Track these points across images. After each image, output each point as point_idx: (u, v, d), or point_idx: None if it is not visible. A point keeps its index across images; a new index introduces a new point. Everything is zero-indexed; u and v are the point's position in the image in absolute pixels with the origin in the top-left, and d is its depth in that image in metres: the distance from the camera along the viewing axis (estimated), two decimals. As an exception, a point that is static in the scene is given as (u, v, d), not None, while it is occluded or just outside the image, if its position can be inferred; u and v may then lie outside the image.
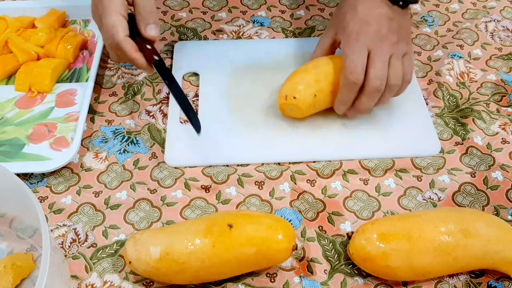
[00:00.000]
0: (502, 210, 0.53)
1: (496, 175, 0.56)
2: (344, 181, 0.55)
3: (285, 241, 0.45)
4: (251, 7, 0.74)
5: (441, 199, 0.54)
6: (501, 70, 0.66)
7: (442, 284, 0.48)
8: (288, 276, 0.48)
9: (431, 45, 0.69)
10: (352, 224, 0.52)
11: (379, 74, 0.52)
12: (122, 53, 0.52)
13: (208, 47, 0.68)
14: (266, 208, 0.53)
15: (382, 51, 0.53)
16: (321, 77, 0.55)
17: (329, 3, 0.75)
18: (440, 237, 0.44)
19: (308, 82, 0.55)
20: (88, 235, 0.51)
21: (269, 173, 0.56)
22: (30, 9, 0.70)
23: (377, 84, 0.52)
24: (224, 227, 0.44)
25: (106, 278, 0.48)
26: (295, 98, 0.55)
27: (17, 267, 0.47)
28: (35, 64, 0.63)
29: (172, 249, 0.44)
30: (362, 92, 0.53)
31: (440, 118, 0.61)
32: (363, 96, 0.54)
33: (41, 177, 0.55)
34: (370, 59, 0.53)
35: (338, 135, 0.58)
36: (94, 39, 0.69)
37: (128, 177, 0.55)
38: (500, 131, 0.59)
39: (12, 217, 0.50)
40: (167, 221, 0.52)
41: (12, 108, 0.61)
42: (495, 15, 0.73)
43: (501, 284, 0.48)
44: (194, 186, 0.55)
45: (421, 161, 0.57)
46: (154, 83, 0.64)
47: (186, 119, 0.60)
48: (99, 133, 0.59)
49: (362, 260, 0.46)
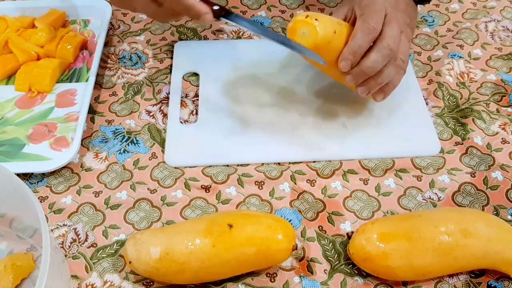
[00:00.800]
0: (502, 210, 0.53)
1: (496, 175, 0.56)
2: (344, 181, 0.55)
3: (285, 241, 0.45)
4: (251, 7, 0.74)
5: (441, 199, 0.54)
6: (501, 70, 0.66)
7: (442, 284, 0.48)
8: (288, 276, 0.48)
9: (431, 45, 0.69)
10: (352, 224, 0.52)
11: (394, 34, 0.50)
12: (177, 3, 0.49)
13: (208, 47, 0.68)
14: (266, 208, 0.53)
15: (398, 18, 0.51)
16: (343, 28, 0.51)
17: (329, 3, 0.75)
18: (440, 237, 0.44)
19: (332, 19, 0.51)
20: (88, 235, 0.51)
21: (269, 173, 0.56)
22: (30, 9, 0.70)
23: (391, 43, 0.49)
24: (224, 227, 0.45)
25: (106, 278, 0.48)
26: (317, 20, 0.48)
27: (17, 267, 0.47)
28: (35, 64, 0.63)
29: (172, 249, 0.44)
30: (372, 48, 0.50)
31: (440, 118, 0.61)
32: (372, 53, 0.50)
33: (41, 177, 0.55)
34: (387, 19, 0.51)
35: (338, 135, 0.58)
36: (94, 39, 0.69)
37: (128, 177, 0.55)
38: (500, 131, 0.59)
39: (12, 217, 0.50)
40: (167, 221, 0.52)
41: (12, 108, 0.61)
42: (495, 15, 0.73)
43: (501, 284, 0.48)
44: (194, 186, 0.55)
45: (421, 161, 0.57)
46: (154, 83, 0.64)
47: (186, 119, 0.60)
48: (99, 133, 0.59)
49: (362, 260, 0.46)
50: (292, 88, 0.63)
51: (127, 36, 0.70)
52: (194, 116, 0.61)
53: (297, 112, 0.60)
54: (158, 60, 0.67)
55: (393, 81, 0.54)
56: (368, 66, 0.50)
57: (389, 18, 0.51)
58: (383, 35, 0.50)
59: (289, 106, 0.61)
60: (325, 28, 0.49)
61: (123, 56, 0.67)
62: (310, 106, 0.61)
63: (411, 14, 0.55)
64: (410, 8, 0.55)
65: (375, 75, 0.51)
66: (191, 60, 0.66)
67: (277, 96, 0.62)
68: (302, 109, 0.60)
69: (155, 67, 0.66)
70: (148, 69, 0.66)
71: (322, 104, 0.60)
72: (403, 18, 0.52)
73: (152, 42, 0.69)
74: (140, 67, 0.66)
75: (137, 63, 0.67)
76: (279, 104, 0.61)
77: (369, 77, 0.51)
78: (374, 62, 0.50)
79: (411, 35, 0.54)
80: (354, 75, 0.51)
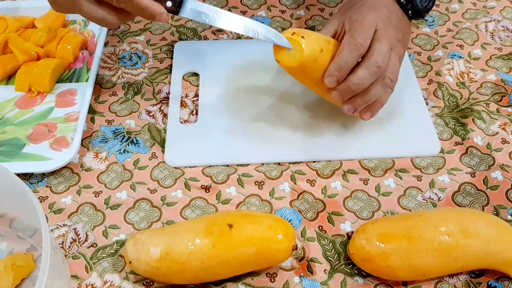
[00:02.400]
0: (502, 210, 0.53)
1: (496, 175, 0.56)
2: (344, 181, 0.55)
3: (285, 241, 0.45)
4: (251, 7, 0.74)
5: (441, 199, 0.54)
6: (501, 70, 0.66)
7: (442, 284, 0.48)
8: (288, 276, 0.48)
9: (431, 45, 0.69)
10: (352, 224, 0.52)
11: (383, 51, 0.49)
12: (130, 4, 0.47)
13: (208, 47, 0.68)
14: (266, 208, 0.53)
15: (388, 34, 0.50)
16: (330, 46, 0.50)
17: (329, 3, 0.75)
18: (440, 237, 0.44)
19: (319, 36, 0.50)
20: (88, 235, 0.51)
21: (269, 173, 0.56)
22: (30, 9, 0.70)
23: (379, 60, 0.48)
24: (224, 227, 0.45)
25: (106, 278, 0.48)
26: (303, 37, 0.48)
27: (17, 267, 0.47)
28: (35, 64, 0.63)
29: (172, 249, 0.44)
30: (360, 65, 0.49)
31: (440, 118, 0.61)
32: (359, 70, 0.49)
33: (41, 177, 0.55)
34: (376, 35, 0.49)
35: (338, 135, 0.58)
36: (94, 39, 0.69)
37: (128, 177, 0.55)
38: (500, 131, 0.59)
39: (12, 217, 0.50)
40: (167, 221, 0.52)
41: (12, 108, 0.61)
42: (495, 15, 0.73)
43: (501, 284, 0.48)
44: (194, 186, 0.55)
45: (421, 161, 0.57)
46: (154, 83, 0.64)
47: (186, 119, 0.60)
48: (99, 133, 0.59)
49: (362, 260, 0.46)
50: (292, 88, 0.62)
51: (127, 36, 0.70)
52: (194, 116, 0.61)
53: (297, 112, 0.60)
54: (158, 60, 0.67)
55: (381, 100, 0.53)
56: (354, 83, 0.49)
57: (379, 34, 0.50)
58: (372, 51, 0.49)
59: (289, 106, 0.61)
60: (312, 46, 0.48)
61: (123, 56, 0.67)
62: (310, 106, 0.61)
63: (404, 29, 0.54)
64: (402, 23, 0.54)
65: (362, 92, 0.50)
66: (191, 60, 0.66)
67: (277, 96, 0.62)
68: (302, 109, 0.60)
69: (155, 67, 0.66)
70: (148, 69, 0.66)
71: (322, 104, 0.60)
72: (394, 33, 0.51)
73: (152, 42, 0.69)
74: (140, 67, 0.66)
75: (137, 63, 0.67)
76: (279, 104, 0.61)
77: (356, 94, 0.51)
78: (361, 79, 0.49)
79: (403, 51, 0.53)
80: (340, 91, 0.50)
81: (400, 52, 0.52)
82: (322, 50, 0.49)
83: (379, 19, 0.50)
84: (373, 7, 0.52)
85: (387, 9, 0.52)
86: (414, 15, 0.55)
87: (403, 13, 0.55)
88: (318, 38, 0.50)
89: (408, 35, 0.56)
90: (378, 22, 0.50)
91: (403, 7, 0.54)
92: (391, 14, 0.52)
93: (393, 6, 0.54)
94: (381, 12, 0.51)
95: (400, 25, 0.53)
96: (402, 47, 0.53)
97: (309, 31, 0.49)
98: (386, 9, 0.52)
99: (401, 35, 0.52)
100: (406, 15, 0.55)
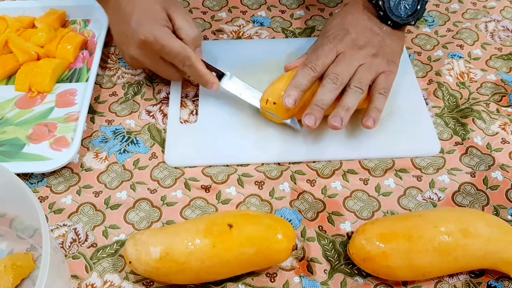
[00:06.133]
0: (502, 210, 0.53)
1: (496, 175, 0.56)
2: (344, 181, 0.55)
3: (285, 241, 0.45)
4: (251, 7, 0.74)
5: (441, 199, 0.54)
6: (501, 70, 0.66)
7: (442, 284, 0.48)
8: (288, 276, 0.48)
9: (431, 45, 0.69)
10: (352, 224, 0.52)
11: (336, 70, 0.53)
12: (192, 70, 0.56)
13: (208, 47, 0.68)
14: (266, 208, 0.53)
15: (351, 56, 0.54)
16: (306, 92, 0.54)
17: (329, 3, 0.75)
18: (440, 237, 0.44)
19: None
20: (88, 235, 0.51)
21: (269, 173, 0.56)
22: (30, 9, 0.70)
23: (332, 77, 0.53)
24: (224, 227, 0.45)
25: (106, 278, 0.48)
26: (275, 103, 0.55)
27: (17, 267, 0.47)
28: (35, 64, 0.63)
29: (172, 249, 0.44)
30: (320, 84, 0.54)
31: (440, 118, 0.61)
32: (319, 88, 0.53)
33: (41, 177, 0.55)
34: (336, 59, 0.54)
35: (338, 135, 0.58)
36: (94, 39, 0.69)
37: (128, 177, 0.55)
38: (500, 131, 0.59)
39: (12, 217, 0.50)
40: (167, 221, 0.52)
41: (12, 108, 0.61)
42: (495, 15, 0.73)
43: (501, 284, 0.48)
44: (194, 186, 0.55)
45: (421, 161, 0.57)
46: (154, 83, 0.64)
47: (186, 119, 0.60)
48: (99, 133, 0.59)
49: (362, 260, 0.46)
50: (292, 88, 0.63)
51: (127, 36, 0.70)
52: (194, 116, 0.61)
53: (297, 112, 0.60)
54: (158, 60, 0.67)
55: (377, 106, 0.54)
56: (318, 99, 0.53)
57: (339, 58, 0.55)
58: (327, 72, 0.54)
59: (289, 106, 0.61)
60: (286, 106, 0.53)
61: (123, 56, 0.67)
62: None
63: (387, 42, 0.57)
64: (383, 36, 0.57)
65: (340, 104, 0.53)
66: (191, 60, 0.66)
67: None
68: (302, 109, 0.60)
69: (155, 67, 0.66)
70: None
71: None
72: (364, 53, 0.55)
73: (152, 42, 0.69)
74: (140, 67, 0.66)
75: (137, 63, 0.67)
76: (279, 104, 0.61)
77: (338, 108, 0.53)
78: (321, 94, 0.53)
79: (385, 65, 0.55)
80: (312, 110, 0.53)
81: (379, 65, 0.55)
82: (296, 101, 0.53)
83: (342, 45, 0.55)
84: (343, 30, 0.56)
85: (362, 26, 0.56)
86: (396, 25, 0.58)
87: (381, 26, 0.58)
88: None
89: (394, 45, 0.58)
90: (341, 48, 0.55)
91: (382, 18, 0.58)
92: (360, 34, 0.56)
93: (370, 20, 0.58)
94: (348, 36, 0.56)
95: (375, 41, 0.56)
96: (385, 62, 0.56)
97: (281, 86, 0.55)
98: (359, 28, 0.56)
99: (376, 50, 0.55)
100: (387, 25, 0.58)
